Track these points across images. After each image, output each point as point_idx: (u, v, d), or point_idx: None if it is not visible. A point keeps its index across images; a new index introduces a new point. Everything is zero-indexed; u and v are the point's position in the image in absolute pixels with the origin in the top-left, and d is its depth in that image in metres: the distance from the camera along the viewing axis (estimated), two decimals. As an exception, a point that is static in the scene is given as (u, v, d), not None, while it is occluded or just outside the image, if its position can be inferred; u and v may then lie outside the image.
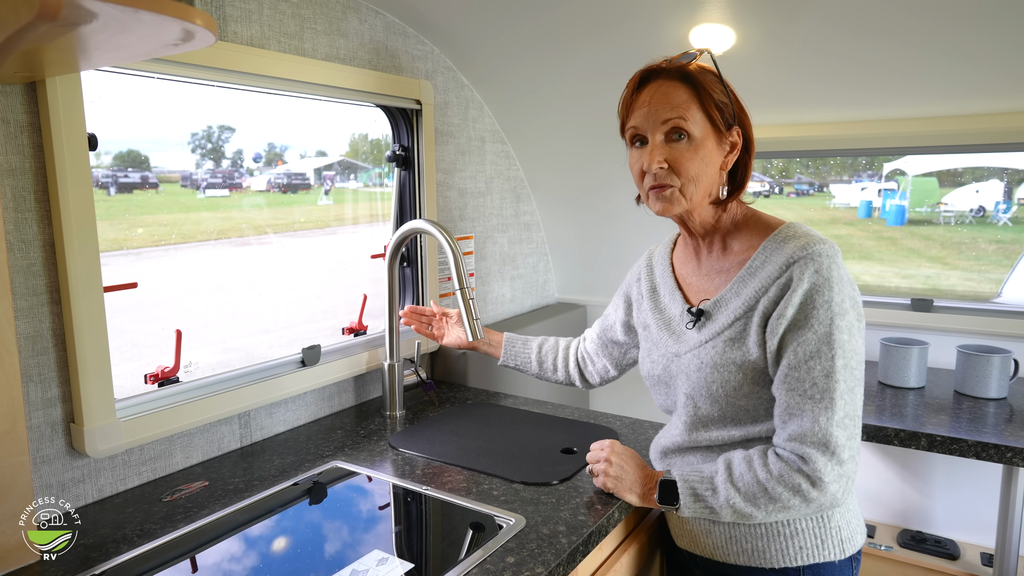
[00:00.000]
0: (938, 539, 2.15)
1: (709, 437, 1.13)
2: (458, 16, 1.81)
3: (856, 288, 1.05)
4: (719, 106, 1.08)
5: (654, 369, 1.22)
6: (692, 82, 1.07)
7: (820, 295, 0.99)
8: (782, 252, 1.05)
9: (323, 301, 2.18)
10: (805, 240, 1.04)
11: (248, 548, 1.10)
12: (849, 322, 1.00)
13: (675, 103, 1.06)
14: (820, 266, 1.00)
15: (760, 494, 1.01)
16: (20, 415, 1.01)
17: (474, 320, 1.46)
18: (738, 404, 1.08)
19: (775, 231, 1.09)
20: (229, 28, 1.39)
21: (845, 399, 0.99)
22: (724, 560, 1.13)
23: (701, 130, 1.07)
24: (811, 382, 0.99)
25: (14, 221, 1.09)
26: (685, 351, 1.15)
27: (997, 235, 4.12)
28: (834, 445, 0.97)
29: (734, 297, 1.09)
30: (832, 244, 1.03)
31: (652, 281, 1.30)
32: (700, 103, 1.07)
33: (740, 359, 1.06)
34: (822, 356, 0.98)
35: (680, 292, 1.21)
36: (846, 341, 0.99)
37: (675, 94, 1.07)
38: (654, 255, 1.34)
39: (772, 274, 1.04)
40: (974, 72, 1.71)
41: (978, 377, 1.84)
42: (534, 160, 2.37)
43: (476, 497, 1.22)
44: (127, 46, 0.85)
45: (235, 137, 1.86)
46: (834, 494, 0.99)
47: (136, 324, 1.50)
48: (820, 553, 1.07)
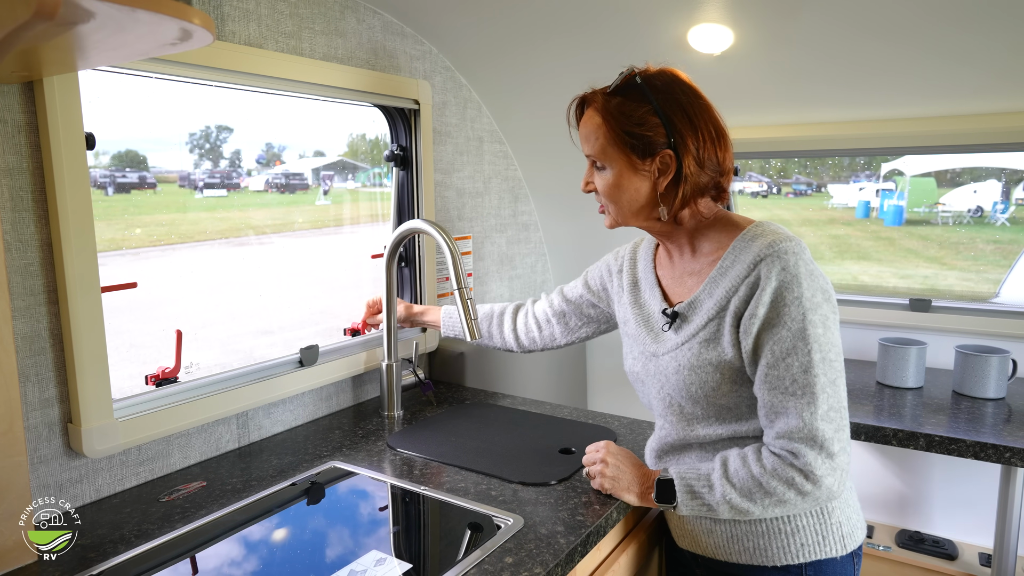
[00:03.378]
0: (936, 539, 2.15)
1: (698, 435, 1.13)
2: (456, 16, 1.81)
3: (828, 281, 1.05)
4: (632, 138, 1.08)
5: (634, 366, 1.23)
6: (603, 116, 1.10)
7: (789, 292, 1.00)
8: (749, 251, 1.05)
9: (322, 301, 2.18)
10: (771, 238, 1.04)
11: (246, 549, 1.10)
12: (823, 315, 1.01)
13: (590, 136, 1.13)
14: (787, 263, 1.01)
15: (755, 489, 1.02)
16: (17, 415, 1.01)
17: (472, 320, 1.46)
18: (719, 403, 1.09)
19: (743, 231, 1.10)
20: (227, 28, 1.39)
21: (827, 392, 0.99)
22: (726, 559, 1.13)
23: (614, 160, 1.11)
24: (791, 379, 1.00)
25: (11, 221, 1.09)
26: (663, 352, 1.15)
27: (995, 235, 4.13)
28: (822, 439, 0.98)
29: (707, 298, 1.10)
30: (798, 241, 1.04)
31: (634, 275, 1.30)
32: (609, 137, 1.10)
33: (716, 359, 1.07)
34: (798, 352, 0.99)
35: (660, 290, 1.22)
36: (821, 335, 1.00)
37: (591, 126, 1.13)
38: (639, 249, 1.34)
39: (741, 273, 1.05)
40: (972, 72, 1.71)
41: (976, 377, 1.84)
42: (532, 160, 2.37)
43: (474, 497, 1.22)
44: (125, 45, 0.85)
45: (233, 137, 1.86)
46: (829, 487, 1.00)
47: (134, 324, 1.50)
48: (822, 549, 1.08)
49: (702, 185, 1.09)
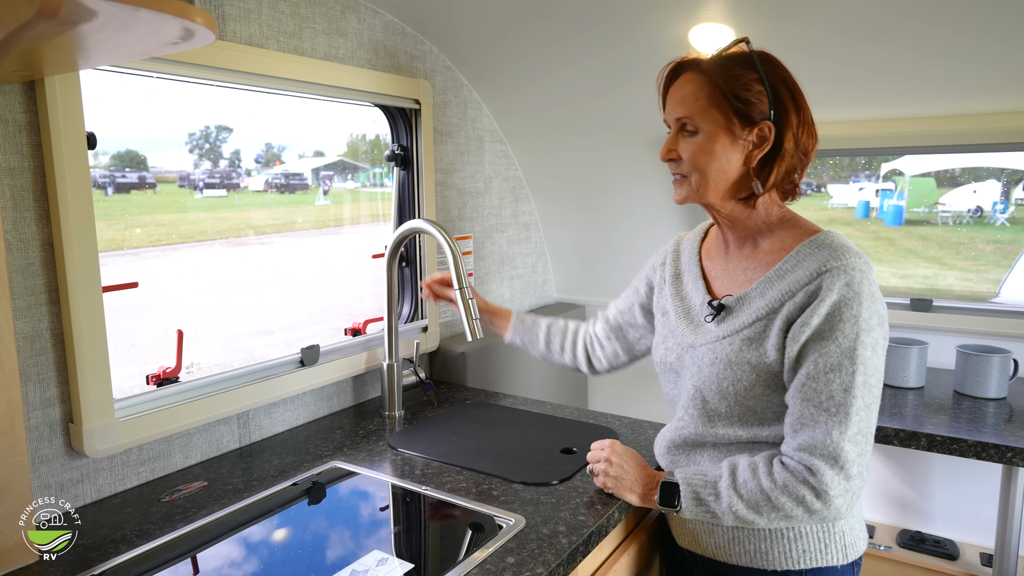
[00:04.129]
0: (937, 539, 2.15)
1: (716, 434, 1.12)
2: (457, 16, 1.80)
3: (884, 306, 1.03)
4: (737, 101, 1.05)
5: (667, 356, 1.21)
6: (709, 76, 1.06)
7: (848, 308, 0.98)
8: (814, 258, 1.03)
9: (322, 301, 2.18)
10: (841, 251, 1.02)
11: (247, 549, 1.09)
12: (874, 339, 0.99)
13: (688, 97, 1.07)
14: (852, 279, 0.99)
15: (763, 503, 1.01)
16: (19, 415, 1.01)
17: (473, 320, 1.46)
18: (747, 404, 1.07)
19: (811, 236, 1.07)
20: (228, 27, 1.38)
21: (860, 415, 0.98)
22: (726, 560, 1.12)
23: (711, 125, 1.06)
24: (828, 395, 0.98)
25: (12, 220, 1.09)
26: (701, 343, 1.13)
27: (995, 235, 4.13)
28: (843, 460, 0.97)
29: (758, 297, 1.08)
30: (867, 259, 1.02)
31: (677, 267, 1.28)
32: (712, 98, 1.05)
33: (756, 360, 1.05)
34: (843, 370, 0.97)
35: (704, 282, 1.20)
36: (869, 358, 0.98)
37: (689, 89, 1.07)
38: (683, 242, 1.32)
39: (801, 279, 1.03)
40: (972, 72, 1.71)
41: (978, 377, 1.84)
42: (533, 160, 2.37)
43: (476, 497, 1.22)
44: (127, 44, 0.85)
45: (233, 137, 1.86)
46: (838, 508, 0.98)
47: (133, 324, 1.50)
48: (823, 557, 1.07)
49: (791, 168, 1.08)
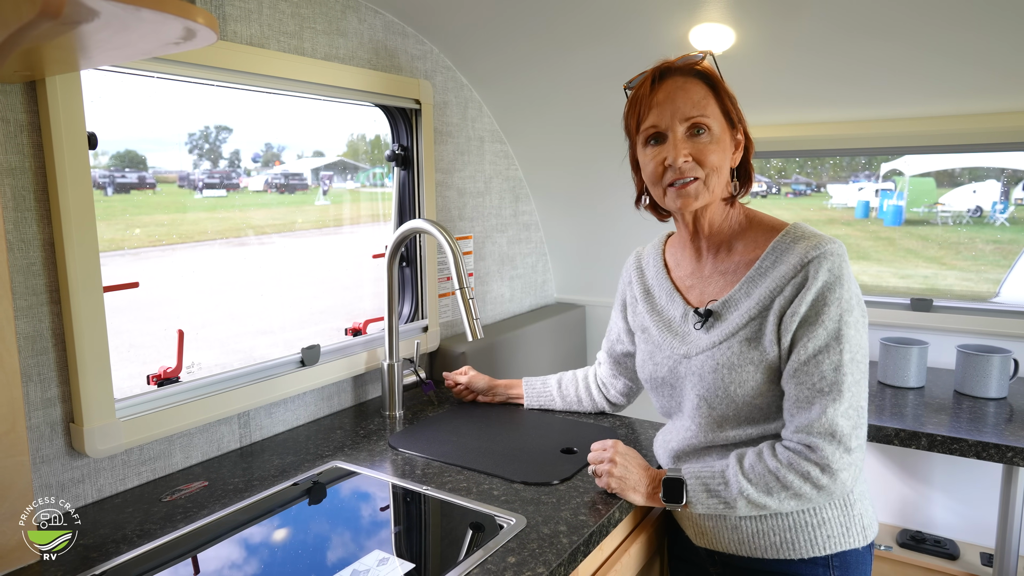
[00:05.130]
0: (938, 539, 2.15)
1: (725, 436, 1.13)
2: (457, 16, 1.81)
3: (858, 286, 1.08)
4: (729, 102, 1.11)
5: (658, 371, 1.22)
6: (707, 79, 1.10)
7: (832, 292, 1.03)
8: (794, 252, 1.07)
9: (323, 301, 2.18)
10: (816, 240, 1.07)
11: (248, 549, 1.09)
12: (856, 318, 1.04)
13: (695, 100, 1.09)
14: (833, 264, 1.04)
15: (772, 482, 1.03)
16: (20, 415, 1.01)
17: (474, 320, 1.46)
18: (755, 404, 1.09)
19: (781, 232, 1.11)
20: (229, 27, 1.38)
21: (852, 391, 1.02)
22: (750, 555, 1.13)
23: (719, 125, 1.10)
24: (820, 375, 1.02)
25: (14, 220, 1.09)
26: (695, 352, 1.15)
27: (994, 235, 4.14)
28: (840, 434, 1.01)
29: (744, 297, 1.10)
30: (840, 244, 1.07)
31: (645, 283, 1.30)
32: (717, 99, 1.10)
33: (758, 358, 1.08)
34: (831, 351, 1.02)
35: (678, 294, 1.22)
36: (853, 336, 1.03)
37: (694, 90, 1.09)
38: (643, 257, 1.34)
39: (786, 273, 1.06)
40: (972, 72, 1.71)
41: (978, 377, 1.84)
42: (533, 160, 2.37)
43: (476, 497, 1.22)
44: (128, 45, 0.85)
45: (232, 137, 1.86)
46: (844, 481, 1.02)
47: (133, 324, 1.50)
48: (846, 540, 1.10)
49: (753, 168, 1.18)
